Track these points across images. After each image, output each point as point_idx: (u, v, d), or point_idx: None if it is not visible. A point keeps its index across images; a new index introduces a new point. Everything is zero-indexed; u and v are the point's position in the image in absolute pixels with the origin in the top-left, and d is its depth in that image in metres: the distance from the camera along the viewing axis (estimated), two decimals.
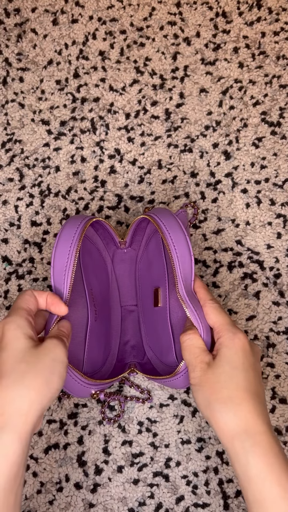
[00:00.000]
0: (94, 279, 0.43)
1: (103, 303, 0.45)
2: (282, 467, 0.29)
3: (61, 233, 0.37)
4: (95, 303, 0.43)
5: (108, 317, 0.45)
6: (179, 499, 0.41)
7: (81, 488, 0.41)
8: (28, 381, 0.30)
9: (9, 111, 0.50)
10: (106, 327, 0.44)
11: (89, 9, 0.52)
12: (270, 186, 0.47)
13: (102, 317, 0.44)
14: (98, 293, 0.44)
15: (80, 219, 0.38)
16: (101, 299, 0.44)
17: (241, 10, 0.51)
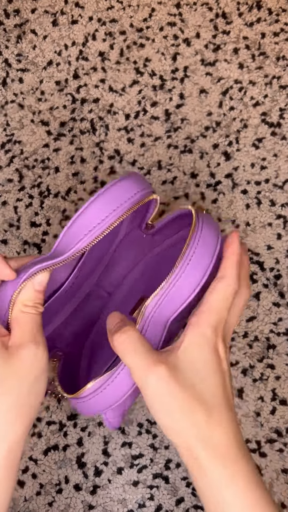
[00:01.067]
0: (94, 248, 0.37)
1: (87, 275, 0.40)
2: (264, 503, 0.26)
3: (118, 182, 0.30)
4: (80, 270, 0.37)
5: (76, 291, 0.40)
6: (178, 501, 0.41)
7: (80, 489, 0.41)
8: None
9: (8, 112, 0.50)
10: (67, 300, 0.40)
11: (89, 10, 0.52)
12: (270, 187, 0.47)
13: (74, 289, 0.39)
14: (89, 259, 0.38)
15: (145, 184, 0.32)
16: (88, 270, 0.39)
17: (241, 11, 0.51)
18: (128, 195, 0.29)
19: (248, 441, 0.42)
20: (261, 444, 0.42)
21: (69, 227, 0.29)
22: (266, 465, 0.42)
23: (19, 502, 0.41)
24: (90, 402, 0.31)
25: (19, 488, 0.41)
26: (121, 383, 0.30)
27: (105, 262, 0.41)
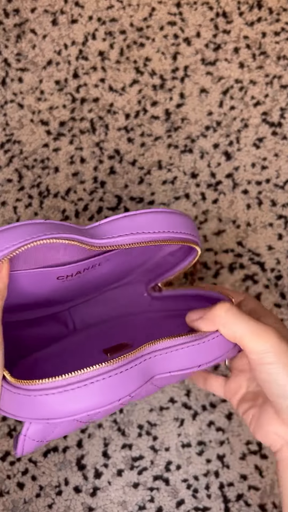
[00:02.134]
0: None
1: (66, 294, 0.37)
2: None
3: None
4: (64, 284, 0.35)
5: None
6: (179, 503, 0.41)
7: (80, 491, 0.41)
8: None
9: (8, 111, 0.50)
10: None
11: (89, 9, 0.51)
12: (271, 187, 0.47)
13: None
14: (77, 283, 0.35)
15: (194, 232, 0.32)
16: (70, 292, 0.36)
17: (242, 10, 0.51)
18: (176, 228, 0.30)
19: (249, 443, 0.42)
20: (262, 446, 0.42)
21: (112, 221, 0.30)
22: (267, 467, 0.41)
23: (18, 504, 0.41)
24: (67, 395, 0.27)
25: (18, 490, 0.41)
26: (129, 379, 0.28)
27: (90, 297, 0.39)
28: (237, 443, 0.42)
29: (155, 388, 0.32)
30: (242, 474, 0.41)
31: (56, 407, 0.26)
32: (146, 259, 0.37)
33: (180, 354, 0.30)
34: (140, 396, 0.31)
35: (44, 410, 0.26)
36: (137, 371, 0.28)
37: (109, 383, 0.27)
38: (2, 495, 0.41)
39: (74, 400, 0.26)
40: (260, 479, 0.41)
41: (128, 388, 0.27)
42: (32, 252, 0.29)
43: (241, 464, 0.42)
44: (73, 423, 0.29)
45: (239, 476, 0.41)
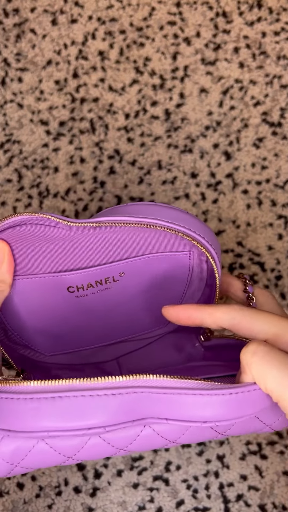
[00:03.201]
0: None
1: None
2: None
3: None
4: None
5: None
6: (179, 503, 0.41)
7: (80, 492, 0.41)
8: None
9: (7, 111, 0.49)
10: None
11: (89, 9, 0.51)
12: (271, 187, 0.47)
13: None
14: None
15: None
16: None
17: (242, 10, 0.51)
18: (174, 220, 0.28)
19: (249, 443, 0.42)
20: (262, 446, 0.42)
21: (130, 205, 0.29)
22: (267, 467, 0.41)
23: (18, 504, 0.41)
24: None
25: (18, 491, 0.41)
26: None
27: (135, 345, 0.36)
28: (237, 444, 0.42)
29: (163, 441, 0.27)
30: (242, 475, 0.41)
31: (15, 416, 0.24)
32: (176, 290, 0.34)
33: (188, 401, 0.25)
34: (141, 446, 0.27)
35: (6, 418, 0.24)
36: (119, 402, 0.24)
37: (80, 403, 0.24)
38: (2, 495, 0.41)
39: (35, 413, 0.24)
40: (260, 480, 0.41)
41: (103, 417, 0.24)
42: (25, 252, 0.29)
43: (241, 465, 0.42)
44: (48, 453, 0.26)
45: (239, 477, 0.41)
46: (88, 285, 0.31)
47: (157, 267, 0.32)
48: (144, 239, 0.30)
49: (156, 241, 0.31)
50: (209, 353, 0.35)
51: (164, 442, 0.27)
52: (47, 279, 0.30)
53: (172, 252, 0.31)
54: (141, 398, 0.24)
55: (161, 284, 0.33)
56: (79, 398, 0.24)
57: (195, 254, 0.32)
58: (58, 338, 0.34)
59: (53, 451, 0.26)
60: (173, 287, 0.34)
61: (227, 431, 0.27)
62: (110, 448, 0.26)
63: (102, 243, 0.30)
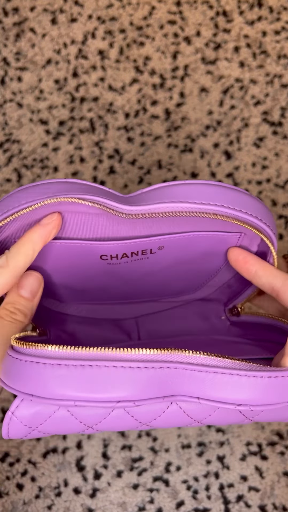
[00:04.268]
0: None
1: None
2: None
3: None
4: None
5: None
6: (179, 504, 0.41)
7: (80, 493, 0.41)
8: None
9: (7, 111, 0.49)
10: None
11: (89, 8, 0.51)
12: (271, 187, 0.47)
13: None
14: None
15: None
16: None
17: (242, 9, 0.51)
18: (230, 204, 0.25)
19: (249, 444, 0.42)
20: (262, 447, 0.42)
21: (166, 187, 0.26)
22: (267, 467, 0.41)
23: (18, 505, 0.41)
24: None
25: (18, 491, 0.41)
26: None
27: (158, 307, 0.35)
28: (237, 444, 0.42)
29: (188, 420, 0.26)
30: (242, 475, 0.41)
31: (41, 381, 0.22)
32: (215, 263, 0.31)
33: (224, 381, 0.23)
34: (165, 422, 0.26)
35: (29, 382, 0.22)
36: (151, 376, 0.23)
37: (110, 374, 0.22)
38: (1, 496, 0.41)
39: (62, 380, 0.22)
40: (260, 480, 0.41)
41: (133, 391, 0.22)
42: (68, 220, 0.26)
43: (241, 465, 0.41)
44: (68, 420, 0.25)
45: (239, 477, 0.41)
46: (123, 255, 0.29)
47: (201, 243, 0.30)
48: (194, 218, 0.27)
49: (208, 221, 0.28)
50: (234, 328, 0.34)
51: (189, 421, 0.26)
52: (82, 246, 0.28)
53: (221, 232, 0.29)
54: (174, 373, 0.23)
55: (200, 258, 0.31)
56: (110, 369, 0.22)
57: (245, 237, 0.29)
58: (79, 292, 0.33)
59: (74, 419, 0.24)
60: (211, 262, 0.32)
61: (255, 417, 0.26)
62: (133, 421, 0.25)
63: (146, 221, 0.27)
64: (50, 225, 0.25)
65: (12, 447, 0.42)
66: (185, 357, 0.23)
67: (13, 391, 0.23)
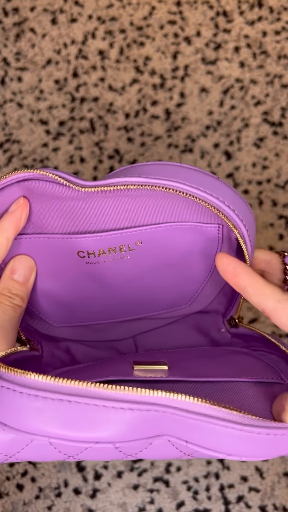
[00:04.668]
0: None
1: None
2: None
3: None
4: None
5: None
6: (179, 505, 0.41)
7: (80, 493, 0.41)
8: None
9: (7, 111, 0.49)
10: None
11: (89, 8, 0.51)
12: (272, 187, 0.47)
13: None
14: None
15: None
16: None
17: (242, 9, 0.51)
18: (199, 185, 0.24)
19: None
20: None
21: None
22: (267, 468, 0.41)
23: (18, 505, 0.41)
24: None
25: (18, 492, 0.41)
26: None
27: (155, 323, 0.33)
28: None
29: (177, 453, 0.24)
30: (242, 476, 0.41)
31: (15, 412, 0.21)
32: (202, 267, 0.30)
33: (217, 432, 0.21)
34: (152, 455, 0.24)
35: (3, 410, 0.21)
36: (135, 418, 0.21)
37: (90, 412, 0.20)
38: (1, 496, 0.41)
39: (37, 413, 0.20)
40: (261, 481, 0.41)
41: (114, 432, 0.21)
42: (36, 211, 0.26)
43: (241, 466, 0.41)
44: (47, 449, 0.23)
45: (240, 478, 0.41)
46: (100, 251, 0.28)
47: (180, 238, 0.28)
48: (167, 206, 0.27)
49: (182, 209, 0.27)
50: (237, 340, 0.32)
51: (178, 454, 0.24)
52: (58, 240, 0.28)
53: (198, 223, 0.28)
54: (163, 417, 0.21)
55: (184, 260, 0.30)
56: (90, 407, 0.20)
57: (225, 229, 0.28)
58: (67, 307, 0.31)
59: (53, 448, 0.23)
60: (198, 264, 0.30)
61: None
62: (117, 453, 0.24)
63: (117, 206, 0.27)
64: (18, 209, 0.26)
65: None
66: (176, 401, 0.21)
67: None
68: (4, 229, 0.25)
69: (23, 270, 0.27)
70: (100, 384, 0.21)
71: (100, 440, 0.21)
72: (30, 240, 0.28)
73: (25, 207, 0.26)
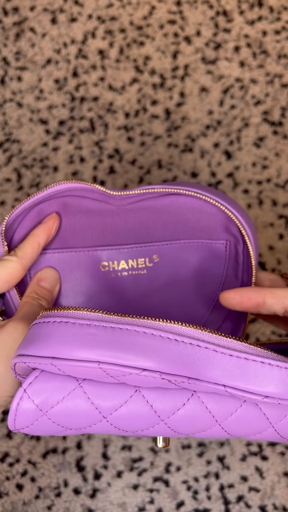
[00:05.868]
0: None
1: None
2: None
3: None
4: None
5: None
6: (179, 504, 0.41)
7: (80, 493, 0.41)
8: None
9: (7, 110, 0.49)
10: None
11: (89, 7, 0.51)
12: (272, 187, 0.47)
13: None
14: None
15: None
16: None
17: (242, 9, 0.51)
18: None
19: (250, 444, 0.42)
20: (263, 447, 0.42)
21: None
22: (267, 468, 0.41)
23: (17, 505, 0.41)
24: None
25: (17, 492, 0.41)
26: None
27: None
28: (238, 445, 0.42)
29: (209, 418, 0.24)
30: (242, 476, 0.41)
31: (68, 339, 0.21)
32: (210, 286, 0.33)
33: (254, 370, 0.22)
34: (183, 419, 0.24)
35: (54, 342, 0.21)
36: (180, 351, 0.22)
37: (140, 340, 0.21)
38: (1, 496, 0.41)
39: (90, 339, 0.21)
40: (261, 481, 0.41)
41: (160, 360, 0.21)
42: (67, 227, 0.31)
43: (241, 466, 0.41)
44: (82, 405, 0.23)
45: (239, 478, 0.41)
46: (121, 263, 0.32)
47: (192, 255, 0.32)
48: (182, 221, 0.31)
49: (194, 224, 0.31)
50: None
51: (209, 421, 0.24)
52: (83, 253, 0.32)
53: (208, 240, 0.32)
54: (203, 355, 0.22)
55: (196, 278, 0.33)
56: (140, 334, 0.21)
57: (231, 244, 0.32)
58: None
59: (90, 404, 0.23)
60: (207, 285, 0.33)
61: (280, 424, 0.24)
62: (152, 414, 0.23)
63: (140, 221, 0.31)
64: (50, 220, 0.31)
65: (12, 447, 0.42)
66: (217, 338, 0.22)
67: (32, 361, 0.21)
68: (37, 235, 0.30)
69: (49, 279, 0.31)
70: (148, 318, 0.22)
71: (148, 367, 0.21)
72: (55, 254, 0.32)
73: (57, 219, 0.31)
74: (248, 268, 0.31)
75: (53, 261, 0.32)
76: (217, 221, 0.31)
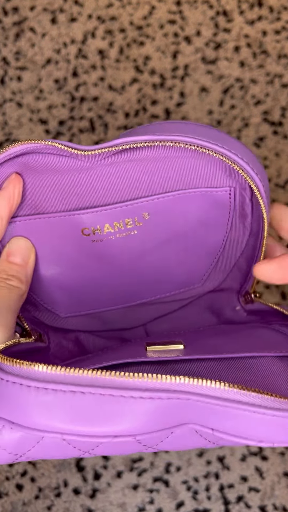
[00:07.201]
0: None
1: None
2: None
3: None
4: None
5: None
6: (179, 505, 0.41)
7: (79, 493, 0.41)
8: None
9: (7, 110, 0.49)
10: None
11: (88, 7, 0.51)
12: (272, 187, 0.47)
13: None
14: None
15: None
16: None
17: (242, 9, 0.51)
18: (210, 139, 0.23)
19: None
20: (262, 447, 0.42)
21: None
22: (267, 468, 0.41)
23: (17, 506, 0.41)
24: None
25: (17, 492, 0.41)
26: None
27: (164, 309, 0.31)
28: None
29: (200, 440, 0.22)
30: (242, 476, 0.41)
31: (23, 408, 0.19)
32: (214, 237, 0.28)
33: (246, 417, 0.19)
34: (173, 445, 0.22)
35: (10, 407, 0.19)
36: (156, 407, 0.19)
37: (107, 404, 0.18)
38: (1, 496, 0.41)
39: (47, 408, 0.18)
40: (261, 481, 0.41)
41: (133, 424, 0.19)
42: (36, 188, 0.25)
43: (241, 466, 0.41)
44: (60, 446, 0.21)
45: (239, 478, 0.41)
46: (106, 227, 0.27)
47: (189, 207, 0.27)
48: (174, 171, 0.25)
49: (190, 173, 0.25)
50: (252, 317, 0.30)
51: (203, 443, 0.22)
52: (59, 219, 0.26)
53: (208, 188, 0.26)
54: (186, 405, 0.19)
55: (195, 232, 0.28)
56: (106, 397, 0.18)
57: (236, 191, 0.26)
58: (74, 293, 0.29)
59: (66, 444, 0.21)
60: (210, 236, 0.28)
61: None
62: (137, 445, 0.22)
63: (122, 175, 0.25)
64: (10, 184, 0.24)
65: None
66: (200, 387, 0.19)
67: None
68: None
69: (20, 251, 0.26)
70: (116, 373, 0.19)
71: (119, 433, 0.19)
72: (27, 222, 0.26)
73: (17, 183, 0.24)
74: (258, 219, 0.27)
75: (24, 230, 0.26)
76: (218, 164, 0.26)
